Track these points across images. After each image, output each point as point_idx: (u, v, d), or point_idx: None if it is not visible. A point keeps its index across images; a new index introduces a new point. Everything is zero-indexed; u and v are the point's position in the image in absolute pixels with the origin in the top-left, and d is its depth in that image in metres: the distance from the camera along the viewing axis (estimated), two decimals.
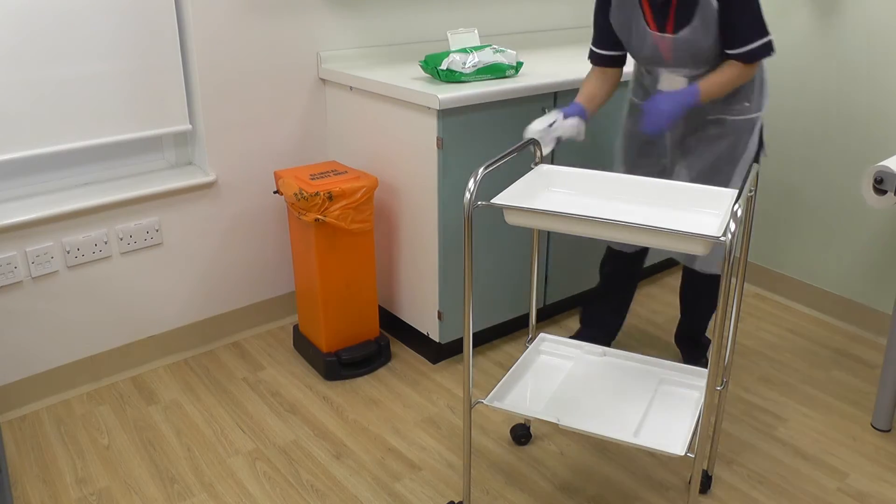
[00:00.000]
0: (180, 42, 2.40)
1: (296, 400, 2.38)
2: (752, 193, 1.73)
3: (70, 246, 2.30)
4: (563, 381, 1.89)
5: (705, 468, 2.00)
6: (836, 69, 2.69)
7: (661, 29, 2.01)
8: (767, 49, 1.97)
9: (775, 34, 2.82)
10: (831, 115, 2.74)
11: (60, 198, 2.30)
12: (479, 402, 1.80)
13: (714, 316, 1.43)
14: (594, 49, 2.19)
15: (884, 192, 1.96)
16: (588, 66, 2.23)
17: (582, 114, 2.07)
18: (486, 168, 1.64)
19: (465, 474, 1.86)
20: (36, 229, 2.23)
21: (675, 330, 2.59)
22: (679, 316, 2.51)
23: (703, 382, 1.82)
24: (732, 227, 1.39)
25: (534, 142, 1.92)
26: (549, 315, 2.86)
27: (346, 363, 2.48)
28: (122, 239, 2.40)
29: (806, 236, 2.91)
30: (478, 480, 2.03)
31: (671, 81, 2.10)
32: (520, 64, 2.51)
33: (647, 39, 2.04)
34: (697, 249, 1.48)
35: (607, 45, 2.15)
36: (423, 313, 2.53)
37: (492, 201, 1.67)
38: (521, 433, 2.19)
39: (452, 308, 2.47)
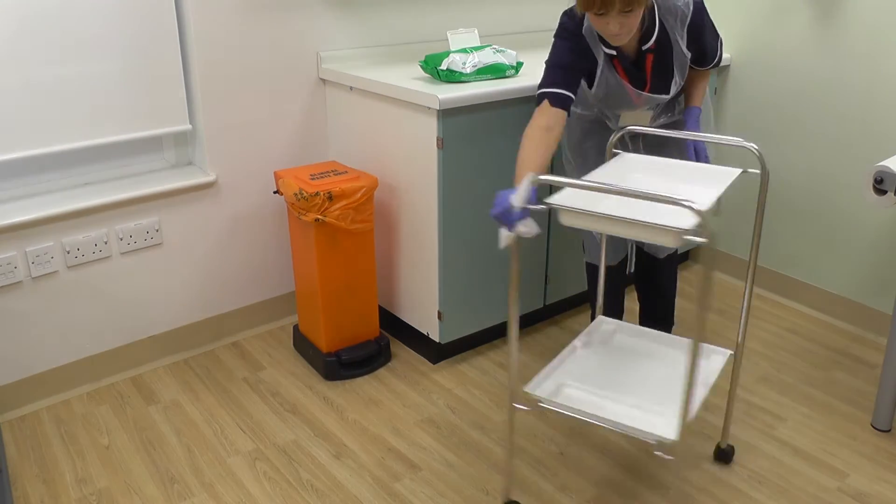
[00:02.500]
0: (180, 42, 2.40)
1: (296, 400, 2.38)
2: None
3: (70, 246, 2.30)
4: (609, 366, 1.90)
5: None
6: (836, 69, 2.69)
7: (640, 88, 2.06)
8: (721, 46, 2.14)
9: (775, 34, 2.83)
10: (831, 115, 2.74)
11: (60, 198, 2.30)
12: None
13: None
14: (555, 91, 1.96)
15: (884, 192, 1.96)
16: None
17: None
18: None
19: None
20: (36, 229, 2.23)
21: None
22: (640, 304, 2.58)
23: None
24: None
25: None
26: (549, 315, 2.86)
27: (346, 363, 2.48)
28: (122, 239, 2.40)
29: (806, 236, 2.91)
30: (478, 480, 2.03)
31: (635, 117, 2.17)
32: (520, 64, 2.51)
33: (624, 96, 2.09)
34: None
35: (570, 84, 1.97)
36: (423, 313, 2.53)
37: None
38: None
39: (452, 308, 2.47)
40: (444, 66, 2.36)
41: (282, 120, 2.65)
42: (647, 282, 2.51)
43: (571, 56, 1.99)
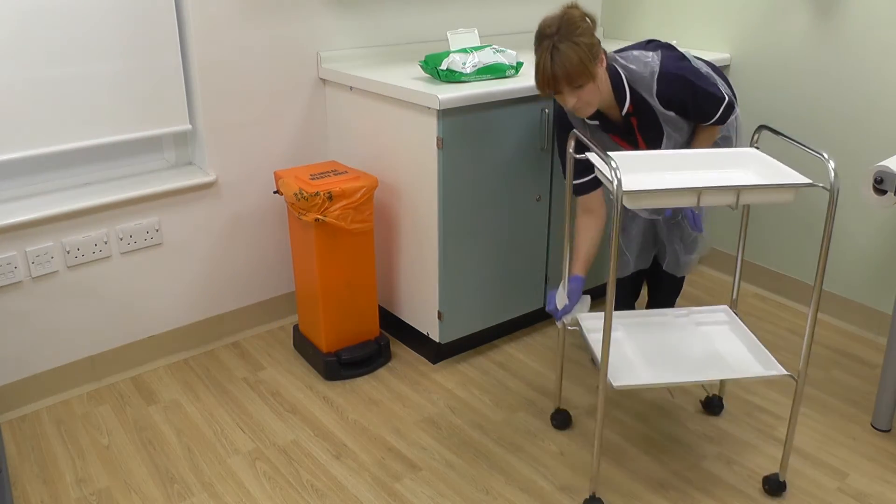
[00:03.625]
0: (180, 42, 2.40)
1: (296, 400, 2.38)
2: None
3: (70, 246, 2.30)
4: (633, 346, 2.03)
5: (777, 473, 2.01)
6: (836, 69, 2.69)
7: (635, 147, 2.16)
8: (730, 109, 2.12)
9: (775, 34, 2.84)
10: (831, 115, 2.74)
11: (60, 198, 2.30)
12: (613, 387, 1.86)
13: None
14: (576, 182, 2.15)
15: (884, 192, 1.96)
16: None
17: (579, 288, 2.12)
18: None
19: None
20: (36, 229, 2.23)
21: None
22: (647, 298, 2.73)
23: (722, 317, 2.11)
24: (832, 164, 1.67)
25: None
26: (549, 315, 2.85)
27: (346, 363, 2.48)
28: (122, 239, 2.40)
29: (806, 236, 2.91)
30: (478, 480, 2.03)
31: None
32: (520, 64, 2.51)
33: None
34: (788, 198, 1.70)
35: (585, 167, 2.13)
36: (423, 313, 2.53)
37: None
38: (564, 418, 2.26)
39: (452, 308, 2.47)
40: (444, 66, 2.36)
41: (282, 120, 2.65)
42: (654, 287, 2.66)
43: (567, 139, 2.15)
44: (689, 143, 2.23)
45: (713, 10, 3.04)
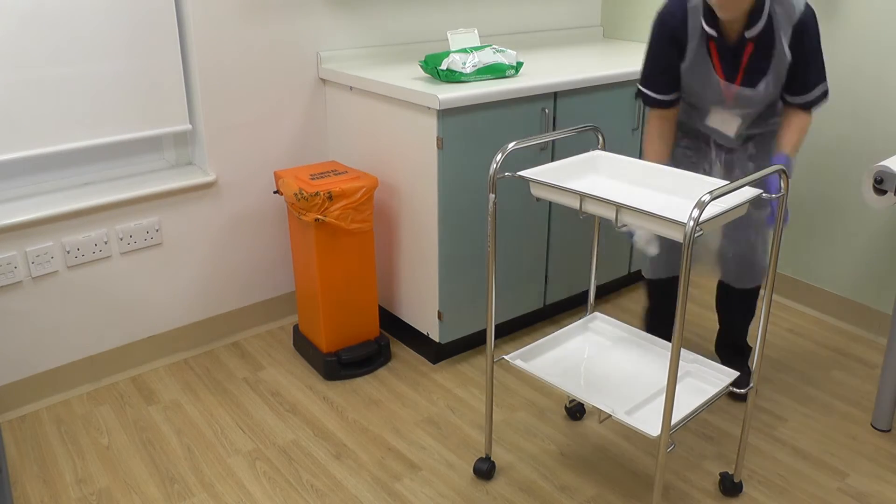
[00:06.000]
0: (180, 42, 2.40)
1: (296, 400, 2.38)
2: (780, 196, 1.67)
3: (70, 246, 2.30)
4: (592, 356, 1.96)
5: (732, 473, 1.99)
6: (836, 69, 2.69)
7: (730, 79, 2.03)
8: (825, 95, 2.02)
9: None
10: (830, 115, 2.74)
11: (60, 198, 2.30)
12: (501, 358, 1.92)
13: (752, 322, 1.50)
14: (657, 96, 2.10)
15: (884, 192, 1.96)
16: None
17: None
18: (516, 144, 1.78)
19: None
20: (36, 229, 2.23)
21: (714, 339, 2.56)
22: (718, 326, 2.50)
23: (726, 381, 1.82)
24: (695, 213, 1.40)
25: (595, 128, 1.97)
26: (549, 315, 2.86)
27: (346, 363, 2.48)
28: (122, 239, 2.40)
29: (806, 236, 2.91)
30: (478, 480, 2.03)
31: (723, 119, 2.12)
32: (520, 64, 2.51)
33: (712, 86, 2.05)
34: (669, 233, 1.51)
35: (671, 88, 2.09)
36: (423, 313, 2.53)
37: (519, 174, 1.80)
38: (577, 408, 2.29)
39: (452, 308, 2.47)
40: (444, 66, 2.36)
41: (282, 120, 2.65)
42: (722, 307, 2.43)
43: (666, 56, 2.06)
44: (769, 126, 2.11)
45: None
